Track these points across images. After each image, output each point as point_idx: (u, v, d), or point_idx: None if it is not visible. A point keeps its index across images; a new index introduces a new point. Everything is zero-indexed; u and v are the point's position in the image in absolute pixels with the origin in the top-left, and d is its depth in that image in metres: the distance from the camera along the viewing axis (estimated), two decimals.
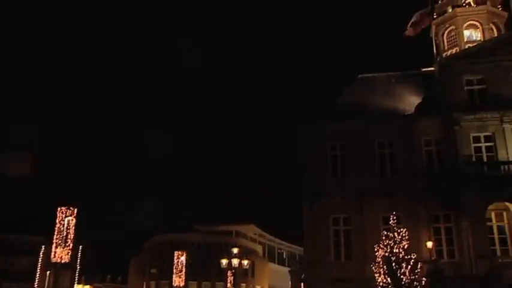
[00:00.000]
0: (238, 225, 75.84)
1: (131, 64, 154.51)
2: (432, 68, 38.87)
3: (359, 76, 40.60)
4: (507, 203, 30.61)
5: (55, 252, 26.16)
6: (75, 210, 27.88)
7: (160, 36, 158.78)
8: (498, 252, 30.38)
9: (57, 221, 26.90)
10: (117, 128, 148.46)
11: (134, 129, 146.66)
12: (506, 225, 31.25)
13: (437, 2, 45.61)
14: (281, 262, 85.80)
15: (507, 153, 32.04)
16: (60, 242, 26.29)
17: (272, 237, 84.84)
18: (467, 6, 43.45)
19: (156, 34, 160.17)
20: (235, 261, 32.91)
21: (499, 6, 43.79)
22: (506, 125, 32.77)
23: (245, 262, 33.67)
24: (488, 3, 42.95)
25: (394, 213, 29.98)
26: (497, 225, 31.38)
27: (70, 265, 28.87)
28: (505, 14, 42.98)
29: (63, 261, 26.24)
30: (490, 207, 30.27)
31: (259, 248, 79.24)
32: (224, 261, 33.11)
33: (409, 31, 41.92)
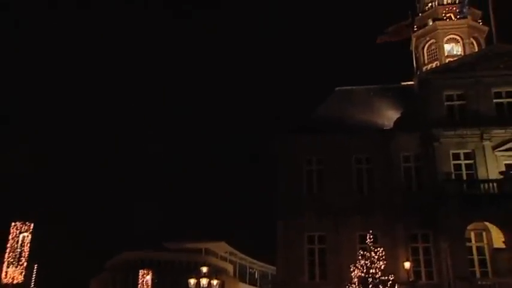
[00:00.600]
0: (208, 242, 74.86)
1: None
2: (412, 82, 39.17)
3: (337, 89, 40.77)
4: (487, 223, 30.77)
5: (6, 272, 24.86)
6: (32, 225, 26.51)
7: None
8: (477, 274, 30.45)
9: (10, 237, 25.53)
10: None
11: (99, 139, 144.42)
12: (485, 246, 31.40)
13: (418, 15, 46.30)
14: (253, 282, 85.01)
15: (487, 171, 32.33)
16: (12, 260, 25.01)
17: (244, 256, 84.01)
18: (448, 20, 44.57)
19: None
20: (204, 281, 32.44)
21: (480, 20, 44.84)
22: (486, 143, 33.11)
23: (214, 282, 33.20)
24: (469, 17, 43.95)
25: (370, 231, 30.01)
26: (477, 246, 31.53)
27: (23, 286, 27.51)
28: (486, 28, 43.74)
29: (15, 281, 24.88)
30: (469, 227, 30.40)
31: (229, 267, 78.27)
32: (192, 281, 32.56)
33: (382, 38, 42.17)
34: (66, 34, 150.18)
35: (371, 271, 27.96)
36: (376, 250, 28.50)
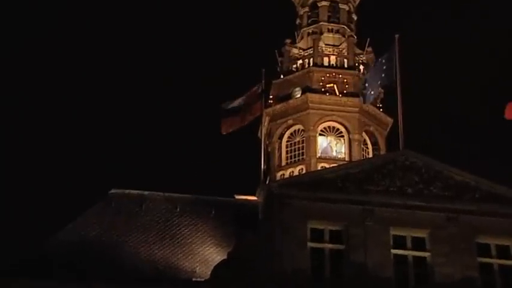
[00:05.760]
0: None
1: None
2: (254, 198, 36.27)
3: (112, 191, 37.07)
4: None
5: None
6: None
7: None
8: None
9: None
10: None
11: None
12: None
13: (279, 77, 47.25)
14: None
15: None
16: None
17: None
18: (327, 95, 44.21)
19: None
20: None
21: (380, 106, 45.07)
22: None
23: None
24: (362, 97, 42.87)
25: None
26: None
27: None
28: (389, 120, 44.54)
29: None
30: None
31: None
32: None
33: (225, 126, 39.97)
34: None
35: None
36: None
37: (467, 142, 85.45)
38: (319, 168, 41.83)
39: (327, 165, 41.06)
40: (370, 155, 45.15)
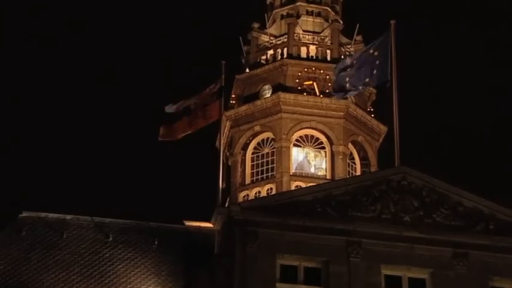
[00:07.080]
0: None
1: None
2: (209, 225, 34.34)
3: (22, 215, 35.51)
4: None
5: None
6: None
7: None
8: None
9: None
10: None
11: None
12: None
13: (244, 71, 46.69)
14: None
15: None
16: None
17: None
18: (305, 95, 43.69)
19: None
20: None
21: (371, 110, 45.19)
22: None
23: None
24: (351, 99, 43.08)
25: None
26: None
27: None
28: (383, 129, 44.73)
29: None
30: None
31: None
32: None
33: (165, 131, 37.53)
34: None
35: None
36: None
37: (480, 158, 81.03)
38: (292, 188, 41.67)
39: (303, 185, 41.02)
40: (358, 173, 45.00)
